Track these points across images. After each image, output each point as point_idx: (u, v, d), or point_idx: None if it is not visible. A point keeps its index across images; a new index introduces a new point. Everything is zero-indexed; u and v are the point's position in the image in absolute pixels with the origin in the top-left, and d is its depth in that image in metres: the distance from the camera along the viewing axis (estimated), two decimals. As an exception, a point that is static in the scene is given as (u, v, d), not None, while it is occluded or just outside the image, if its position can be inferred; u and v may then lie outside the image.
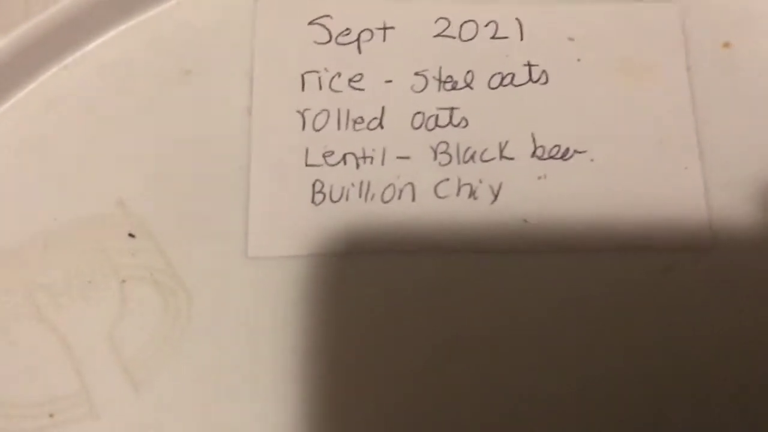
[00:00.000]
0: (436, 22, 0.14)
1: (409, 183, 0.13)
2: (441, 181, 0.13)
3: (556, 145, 0.13)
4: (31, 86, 0.14)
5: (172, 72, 0.14)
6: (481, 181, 0.13)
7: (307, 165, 0.13)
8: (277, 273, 0.13)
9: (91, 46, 0.14)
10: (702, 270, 0.13)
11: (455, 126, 0.14)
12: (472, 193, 0.13)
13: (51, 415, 0.12)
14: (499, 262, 0.13)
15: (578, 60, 0.14)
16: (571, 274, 0.13)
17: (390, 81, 0.14)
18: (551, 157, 0.13)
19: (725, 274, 0.13)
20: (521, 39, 0.14)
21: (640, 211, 0.13)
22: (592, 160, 0.13)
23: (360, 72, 0.14)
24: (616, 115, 0.14)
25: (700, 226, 0.13)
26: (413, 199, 0.13)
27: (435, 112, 0.14)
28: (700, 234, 0.13)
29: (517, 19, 0.14)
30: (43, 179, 0.13)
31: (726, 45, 0.14)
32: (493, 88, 0.14)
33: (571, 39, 0.14)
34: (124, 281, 0.13)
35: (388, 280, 0.13)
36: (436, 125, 0.14)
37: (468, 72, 0.14)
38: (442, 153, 0.13)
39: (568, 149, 0.13)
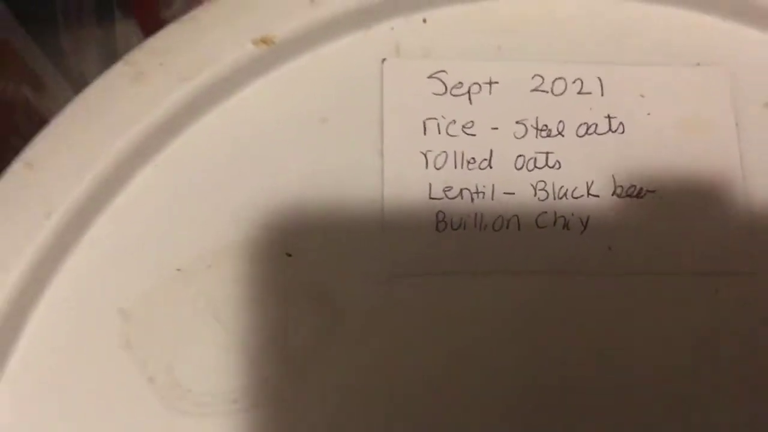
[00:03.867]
0: (532, 78, 0.17)
1: (515, 215, 0.16)
2: (540, 214, 0.16)
3: (632, 185, 0.16)
4: (186, 135, 0.16)
5: (311, 119, 0.16)
6: (572, 215, 0.16)
7: (430, 198, 0.16)
8: (410, 291, 0.16)
9: (247, 91, 0.16)
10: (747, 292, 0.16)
11: (550, 167, 0.16)
12: (565, 225, 0.16)
13: (234, 401, 0.15)
14: (587, 283, 0.16)
15: (648, 114, 0.17)
16: (649, 294, 0.16)
17: (496, 128, 0.17)
18: (628, 195, 0.16)
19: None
20: (602, 95, 0.17)
21: (698, 238, 0.16)
22: (661, 198, 0.16)
23: (471, 120, 0.17)
24: (679, 161, 0.17)
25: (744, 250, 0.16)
26: (519, 229, 0.16)
27: (533, 155, 0.17)
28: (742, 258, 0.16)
29: (598, 77, 0.17)
30: (207, 205, 0.16)
31: (767, 105, 0.17)
32: (580, 136, 0.17)
33: (642, 96, 0.17)
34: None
35: (499, 299, 0.16)
36: (535, 167, 0.16)
37: (560, 122, 0.17)
38: (540, 190, 0.16)
39: (642, 189, 0.16)
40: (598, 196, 0.16)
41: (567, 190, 0.16)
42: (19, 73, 0.23)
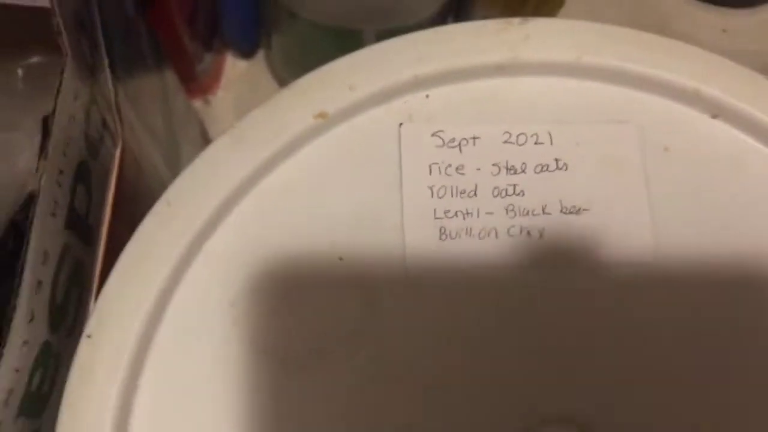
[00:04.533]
0: (503, 134, 0.25)
1: (494, 228, 0.24)
2: (510, 227, 0.24)
3: (573, 206, 0.24)
4: (267, 179, 0.24)
5: (351, 166, 0.24)
6: (533, 227, 0.24)
7: (435, 218, 0.24)
8: (425, 278, 0.23)
9: (306, 149, 0.24)
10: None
11: (516, 195, 0.24)
12: (528, 234, 0.24)
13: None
14: (544, 273, 0.23)
15: (582, 156, 0.25)
16: (584, 282, 0.23)
17: (479, 169, 0.24)
18: (570, 213, 0.24)
19: None
20: (551, 144, 0.25)
21: (613, 243, 0.24)
22: (593, 214, 0.24)
23: (462, 164, 0.24)
24: (604, 189, 0.24)
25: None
26: (496, 237, 0.24)
27: (505, 186, 0.24)
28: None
29: (548, 132, 0.25)
30: (286, 226, 0.23)
31: (666, 149, 0.25)
32: (537, 173, 0.24)
33: (577, 144, 0.25)
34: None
35: (485, 287, 0.23)
36: (506, 195, 0.24)
37: (522, 163, 0.24)
38: (510, 211, 0.24)
39: (580, 208, 0.24)
40: (550, 213, 0.24)
41: (528, 210, 0.24)
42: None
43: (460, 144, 0.24)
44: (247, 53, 0.51)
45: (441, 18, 0.46)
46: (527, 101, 0.25)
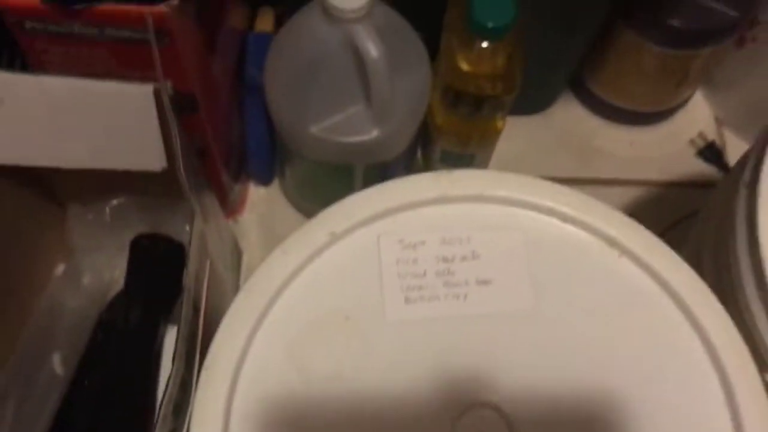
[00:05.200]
0: (441, 238, 0.41)
1: (437, 295, 0.40)
2: (447, 294, 0.40)
3: (484, 280, 0.40)
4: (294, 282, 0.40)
5: (348, 268, 0.40)
6: (466, 285, 0.40)
7: (401, 290, 0.40)
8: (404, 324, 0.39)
9: (322, 257, 0.41)
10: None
11: (450, 275, 0.40)
12: (457, 297, 0.40)
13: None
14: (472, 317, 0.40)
15: (473, 252, 0.41)
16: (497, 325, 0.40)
17: (426, 261, 0.41)
18: (482, 284, 0.40)
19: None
20: (469, 243, 0.41)
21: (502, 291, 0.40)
22: (495, 286, 0.40)
23: (416, 258, 0.41)
24: (505, 266, 0.41)
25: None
26: (439, 300, 0.40)
27: (443, 270, 0.41)
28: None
29: (468, 237, 0.41)
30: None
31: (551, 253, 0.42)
32: (461, 261, 0.41)
33: (487, 243, 0.41)
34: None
35: (442, 332, 0.39)
36: (442, 274, 0.40)
37: (453, 256, 0.41)
38: (446, 284, 0.40)
39: (487, 281, 0.40)
40: (469, 284, 0.40)
41: (457, 283, 0.40)
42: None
43: (414, 245, 0.41)
44: (266, 182, 0.68)
45: (411, 151, 0.63)
46: (454, 218, 0.42)
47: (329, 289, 0.39)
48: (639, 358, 0.38)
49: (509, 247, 0.41)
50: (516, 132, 0.73)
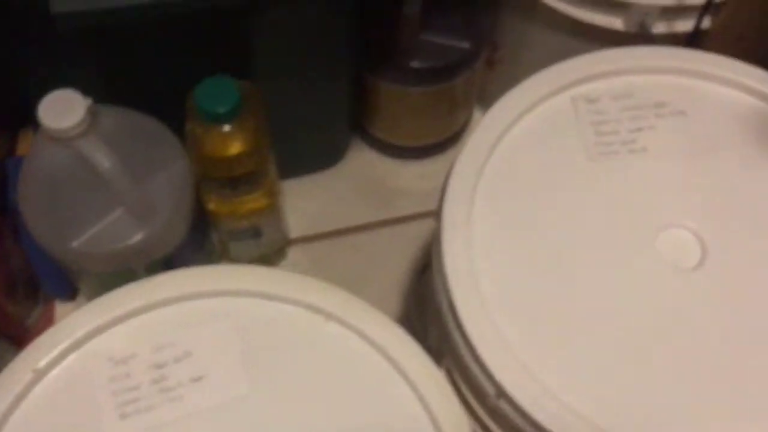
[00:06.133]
0: (153, 353, 0.42)
1: (150, 405, 0.41)
2: (156, 402, 0.41)
3: (196, 377, 0.41)
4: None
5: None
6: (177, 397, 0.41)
7: (115, 408, 0.40)
8: None
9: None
10: None
11: (162, 381, 0.41)
12: (180, 400, 0.41)
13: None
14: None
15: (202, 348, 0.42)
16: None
17: (138, 387, 0.41)
18: (195, 381, 0.41)
19: None
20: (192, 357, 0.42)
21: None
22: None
23: (128, 372, 0.41)
24: (221, 357, 0.42)
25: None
26: (148, 413, 0.40)
27: (159, 379, 0.41)
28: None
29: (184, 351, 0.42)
30: None
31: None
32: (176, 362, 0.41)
33: (206, 342, 0.42)
34: None
35: None
36: (157, 382, 0.41)
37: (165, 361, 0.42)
38: (160, 391, 0.41)
39: (198, 378, 0.41)
40: (184, 386, 0.41)
41: (172, 384, 0.41)
42: None
43: (126, 360, 0.41)
44: (69, 297, 0.68)
45: (197, 236, 0.64)
46: (164, 322, 0.42)
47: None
48: (356, 413, 0.39)
49: (220, 337, 0.42)
50: (314, 189, 0.75)
